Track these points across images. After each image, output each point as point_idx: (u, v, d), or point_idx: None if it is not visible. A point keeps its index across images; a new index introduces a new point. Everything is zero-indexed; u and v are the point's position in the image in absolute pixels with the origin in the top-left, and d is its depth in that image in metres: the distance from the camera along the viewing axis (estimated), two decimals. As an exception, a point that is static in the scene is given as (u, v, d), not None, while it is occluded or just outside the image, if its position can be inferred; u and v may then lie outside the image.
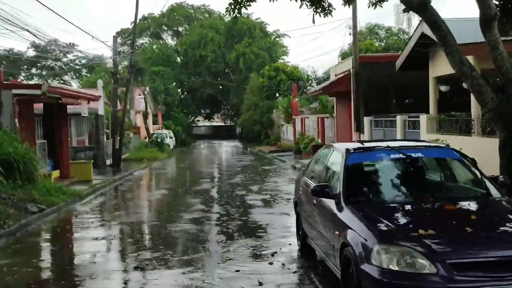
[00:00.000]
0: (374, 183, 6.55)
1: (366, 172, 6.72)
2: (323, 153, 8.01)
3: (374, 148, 7.09)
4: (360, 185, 6.51)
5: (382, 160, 6.76)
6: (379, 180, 6.60)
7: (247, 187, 17.44)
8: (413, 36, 18.26)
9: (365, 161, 6.82)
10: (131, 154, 33.80)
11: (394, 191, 6.40)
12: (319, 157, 8.17)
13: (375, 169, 6.74)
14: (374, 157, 6.83)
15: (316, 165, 8.12)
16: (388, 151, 6.82)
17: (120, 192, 17.98)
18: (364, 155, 6.88)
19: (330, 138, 26.68)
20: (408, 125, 17.02)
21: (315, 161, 8.29)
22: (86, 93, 20.70)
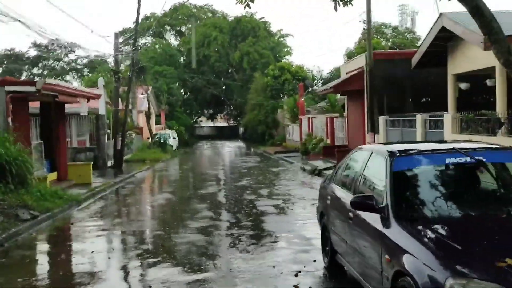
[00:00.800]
0: (429, 193, 5.29)
1: (418, 180, 5.47)
2: (357, 157, 6.77)
3: (424, 150, 5.84)
4: (412, 196, 5.27)
5: (436, 165, 5.53)
6: (434, 189, 5.35)
7: (256, 191, 16.22)
8: (432, 30, 17.02)
9: (415, 167, 5.56)
10: (133, 155, 32.64)
11: (454, 204, 5.15)
12: (351, 162, 6.93)
13: (428, 176, 5.48)
14: (425, 162, 5.58)
15: (348, 171, 6.88)
16: (442, 154, 5.59)
17: (121, 196, 16.75)
18: (413, 159, 5.62)
19: (341, 138, 25.45)
20: (430, 124, 15.78)
21: (346, 166, 7.05)
22: (85, 91, 19.49)
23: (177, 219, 11.85)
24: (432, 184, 5.41)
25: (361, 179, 6.12)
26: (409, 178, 5.45)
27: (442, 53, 17.82)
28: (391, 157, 5.54)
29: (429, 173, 5.50)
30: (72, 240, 10.42)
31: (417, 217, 4.98)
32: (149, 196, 16.73)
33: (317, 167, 21.20)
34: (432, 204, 5.15)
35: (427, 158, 5.62)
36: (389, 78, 20.35)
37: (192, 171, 26.07)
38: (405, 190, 5.30)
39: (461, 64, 16.73)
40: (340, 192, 6.67)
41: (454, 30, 15.70)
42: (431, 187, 5.37)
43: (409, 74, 19.91)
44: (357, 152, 6.97)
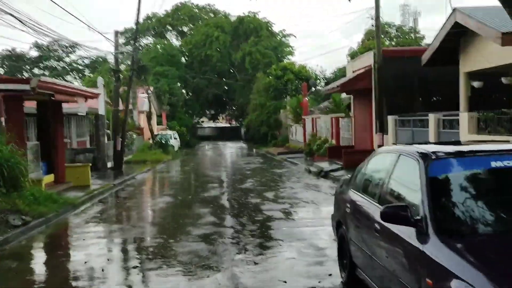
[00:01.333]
0: (473, 202, 4.47)
1: (459, 187, 4.64)
2: (381, 160, 5.96)
3: (464, 152, 5.03)
4: (454, 206, 4.45)
5: (480, 170, 4.72)
6: (479, 198, 4.53)
7: (261, 194, 15.41)
8: (444, 26, 16.22)
9: (454, 171, 4.75)
10: (134, 156, 31.87)
11: (505, 216, 4.35)
12: (373, 165, 6.12)
13: (470, 183, 4.66)
14: (466, 165, 4.76)
15: (370, 176, 6.07)
16: (486, 157, 4.77)
17: (120, 199, 15.95)
18: (452, 163, 4.80)
19: (346, 139, 24.63)
20: (444, 124, 14.96)
21: (367, 170, 6.24)
22: (83, 90, 18.69)
23: (178, 225, 11.04)
24: (476, 192, 4.59)
25: (388, 185, 5.30)
26: (449, 185, 4.63)
27: (453, 50, 17.03)
28: (426, 160, 4.73)
29: (472, 178, 4.68)
30: (65, 249, 9.62)
31: (462, 232, 4.18)
32: (149, 200, 15.92)
33: (323, 169, 20.39)
34: (479, 215, 4.34)
35: (468, 161, 4.81)
36: (398, 76, 19.53)
37: (194, 173, 25.27)
38: (445, 199, 4.49)
39: (474, 61, 15.93)
40: (362, 200, 5.85)
41: (468, 25, 14.91)
42: (475, 196, 4.55)
43: (419, 72, 19.10)
44: (380, 154, 6.15)
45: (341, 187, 7.13)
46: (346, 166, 19.85)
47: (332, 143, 25.92)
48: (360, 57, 22.24)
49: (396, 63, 19.47)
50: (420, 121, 16.31)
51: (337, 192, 7.28)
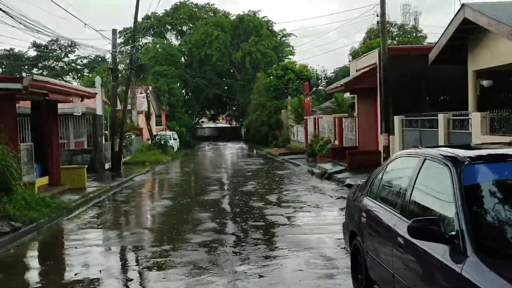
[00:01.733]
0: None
1: (500, 197, 4.02)
2: (402, 164, 5.34)
3: (503, 156, 4.40)
4: (496, 220, 3.83)
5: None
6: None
7: (263, 197, 14.79)
8: (453, 23, 15.62)
9: (493, 179, 4.12)
10: (132, 157, 31.26)
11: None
12: (393, 171, 5.50)
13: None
14: (507, 171, 4.15)
15: (390, 183, 5.45)
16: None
17: (116, 203, 15.31)
18: (489, 169, 4.16)
19: (350, 140, 24.01)
20: (454, 124, 14.33)
21: (385, 175, 5.61)
22: (79, 89, 18.07)
23: (176, 231, 10.41)
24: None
25: (412, 194, 4.68)
26: (488, 195, 4.00)
27: (461, 48, 16.44)
28: (458, 166, 4.10)
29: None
30: (55, 259, 8.98)
31: (508, 251, 3.56)
32: (147, 203, 15.29)
33: (326, 170, 19.78)
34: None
35: (508, 166, 4.18)
36: (404, 75, 18.91)
37: (193, 174, 24.65)
38: (485, 211, 3.86)
39: (484, 59, 15.34)
40: (381, 210, 5.23)
41: (478, 22, 14.32)
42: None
43: (425, 71, 18.52)
44: (400, 158, 5.52)
45: (355, 193, 6.50)
46: (350, 168, 19.25)
47: (335, 144, 25.31)
48: (364, 55, 21.63)
49: (402, 62, 18.87)
50: (428, 121, 15.69)
51: (350, 198, 6.66)
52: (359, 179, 17.53)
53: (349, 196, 6.81)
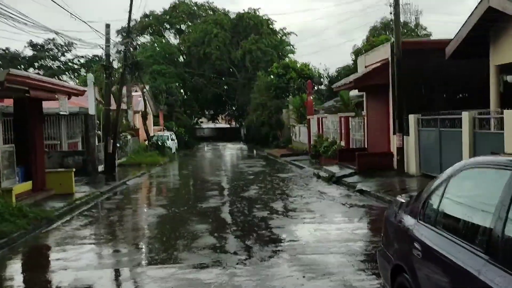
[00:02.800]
0: None
1: None
2: (477, 179, 3.77)
3: None
4: None
5: None
6: None
7: (267, 205, 13.22)
8: (475, 12, 14.05)
9: None
10: (128, 159, 29.69)
11: None
12: (461, 187, 3.93)
13: None
14: None
15: (459, 205, 3.88)
16: None
17: (104, 211, 13.71)
18: None
19: (358, 141, 22.44)
20: (481, 124, 12.77)
21: (446, 193, 4.04)
22: (65, 85, 16.48)
23: (168, 249, 8.82)
24: None
25: (506, 227, 3.11)
26: None
27: (482, 41, 14.90)
28: None
29: None
30: (25, 285, 7.42)
31: None
32: (138, 212, 13.67)
33: (334, 174, 18.21)
34: None
35: None
36: (418, 71, 17.35)
37: (191, 178, 23.09)
38: None
39: (508, 52, 13.80)
40: (448, 244, 3.64)
41: (505, 10, 12.76)
42: None
43: (442, 67, 16.97)
44: (470, 170, 3.92)
45: (396, 213, 4.91)
46: (360, 171, 17.69)
47: (341, 145, 23.74)
48: (374, 50, 20.04)
49: (416, 56, 17.32)
50: (450, 120, 14.13)
51: (390, 219, 5.07)
52: (371, 183, 16.00)
53: (387, 216, 5.22)
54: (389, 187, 15.03)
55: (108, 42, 23.39)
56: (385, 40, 41.85)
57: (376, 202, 13.10)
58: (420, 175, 15.99)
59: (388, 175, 16.74)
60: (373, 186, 14.99)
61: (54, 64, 66.95)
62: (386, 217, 5.23)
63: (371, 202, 13.31)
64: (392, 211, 5.06)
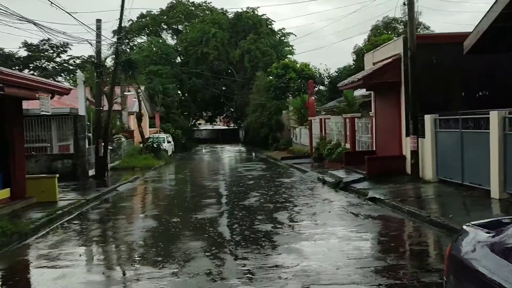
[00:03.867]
0: None
1: None
2: None
3: None
4: None
5: None
6: None
7: (271, 216, 11.67)
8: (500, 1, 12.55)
9: None
10: (122, 162, 28.13)
11: None
12: None
13: None
14: None
15: None
16: None
17: (87, 224, 12.09)
18: None
19: (364, 143, 20.89)
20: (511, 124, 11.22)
21: None
22: (47, 83, 14.88)
23: (154, 277, 7.25)
24: None
25: None
26: None
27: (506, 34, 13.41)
28: None
29: None
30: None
31: None
32: (125, 225, 12.04)
33: (341, 179, 16.65)
34: None
35: None
36: (432, 67, 15.82)
37: (187, 183, 21.50)
38: None
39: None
40: None
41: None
42: None
43: (459, 63, 15.46)
44: None
45: (474, 252, 3.35)
46: (370, 176, 16.15)
47: (346, 148, 22.20)
48: (384, 45, 18.47)
49: (430, 52, 15.80)
50: (474, 121, 12.59)
51: (461, 257, 3.50)
52: (384, 190, 14.37)
53: (457, 253, 3.64)
54: (404, 194, 13.48)
55: (99, 37, 21.82)
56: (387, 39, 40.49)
57: (392, 213, 11.55)
58: (437, 181, 14.45)
59: (401, 181, 15.19)
60: (386, 194, 13.44)
61: (50, 65, 65.28)
62: (453, 255, 3.66)
63: (386, 212, 11.77)
64: (468, 249, 3.48)
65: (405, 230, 10.19)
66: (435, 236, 9.20)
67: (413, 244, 9.01)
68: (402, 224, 10.51)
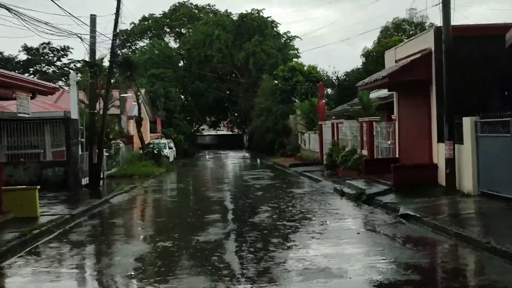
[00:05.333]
0: None
1: None
2: None
3: None
4: None
5: None
6: None
7: (288, 238, 9.55)
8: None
9: None
10: (119, 169, 26.05)
11: None
12: None
13: None
14: None
15: None
16: None
17: (66, 247, 9.90)
18: None
19: (385, 149, 18.71)
20: None
21: None
22: (25, 80, 12.78)
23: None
24: None
25: None
26: None
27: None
28: None
29: None
30: None
31: None
32: (111, 250, 9.86)
33: (363, 191, 14.47)
34: None
35: None
36: (467, 64, 13.70)
37: (189, 194, 19.37)
38: None
39: None
40: None
41: None
42: None
43: (499, 58, 13.35)
44: None
45: None
46: (397, 187, 14.00)
47: (362, 154, 20.05)
48: (410, 40, 16.27)
49: (465, 46, 13.67)
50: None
51: None
52: (417, 205, 11.86)
53: None
54: (444, 211, 11.33)
55: (93, 33, 19.75)
56: (398, 41, 38.35)
57: (436, 235, 9.39)
58: (479, 194, 12.28)
59: (435, 194, 13.03)
60: (421, 210, 11.27)
61: (50, 69, 63.45)
62: None
63: (427, 233, 9.63)
64: None
65: (466, 262, 7.95)
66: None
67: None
68: (456, 253, 8.34)
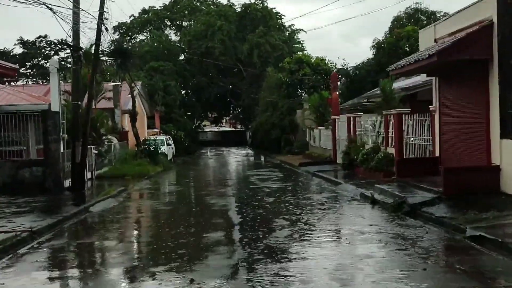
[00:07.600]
0: None
1: None
2: None
3: None
4: None
5: None
6: None
7: (323, 280, 6.43)
8: None
9: None
10: (111, 169, 23.00)
11: None
12: None
13: None
14: None
15: None
16: None
17: (9, 283, 6.81)
18: None
19: (417, 147, 15.53)
20: None
21: None
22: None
23: None
24: None
25: None
26: None
27: None
28: None
29: None
30: None
31: None
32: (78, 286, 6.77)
33: (404, 200, 11.28)
34: None
35: None
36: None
37: (186, 200, 16.19)
38: None
39: None
40: None
41: None
42: None
43: None
44: None
45: None
46: (449, 195, 10.86)
47: (388, 152, 16.92)
48: (459, 11, 12.86)
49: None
50: None
51: None
52: (487, 223, 7.12)
53: None
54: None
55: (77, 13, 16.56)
56: (412, 31, 35.16)
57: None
58: None
59: (504, 205, 9.88)
60: (499, 230, 8.13)
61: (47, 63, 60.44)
62: None
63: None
64: None
65: None
66: None
67: None
68: None
